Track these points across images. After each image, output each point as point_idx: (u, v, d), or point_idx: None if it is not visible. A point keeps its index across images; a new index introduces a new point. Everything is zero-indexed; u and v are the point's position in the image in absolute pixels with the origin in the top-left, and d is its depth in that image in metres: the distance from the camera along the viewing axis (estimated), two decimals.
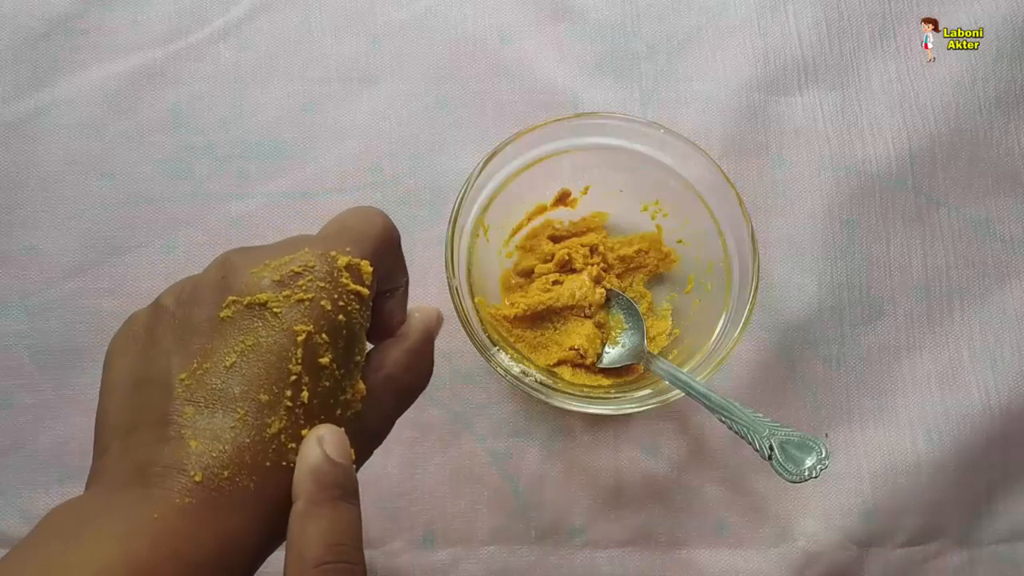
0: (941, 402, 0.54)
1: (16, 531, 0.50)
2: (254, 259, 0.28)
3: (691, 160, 0.49)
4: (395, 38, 0.58)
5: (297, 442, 0.26)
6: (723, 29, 0.58)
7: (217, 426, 0.25)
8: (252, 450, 0.25)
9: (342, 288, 0.27)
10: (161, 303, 0.28)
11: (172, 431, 0.25)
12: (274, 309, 0.26)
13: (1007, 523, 0.53)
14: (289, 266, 0.27)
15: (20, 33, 0.56)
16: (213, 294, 0.27)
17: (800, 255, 0.55)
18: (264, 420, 0.25)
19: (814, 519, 0.52)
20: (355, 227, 0.30)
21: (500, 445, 0.52)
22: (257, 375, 0.25)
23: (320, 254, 0.28)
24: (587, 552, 0.52)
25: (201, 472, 0.24)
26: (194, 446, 0.24)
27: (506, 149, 0.48)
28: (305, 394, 0.26)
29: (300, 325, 0.26)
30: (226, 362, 0.26)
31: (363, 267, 0.28)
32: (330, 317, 0.27)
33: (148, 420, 0.25)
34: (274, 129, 0.56)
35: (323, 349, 0.26)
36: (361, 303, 0.28)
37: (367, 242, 0.29)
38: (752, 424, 0.42)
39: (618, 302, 0.53)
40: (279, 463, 0.25)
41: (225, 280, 0.27)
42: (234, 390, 0.25)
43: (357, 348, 0.28)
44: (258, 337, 0.26)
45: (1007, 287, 0.56)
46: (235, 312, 0.26)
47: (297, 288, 0.27)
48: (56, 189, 0.54)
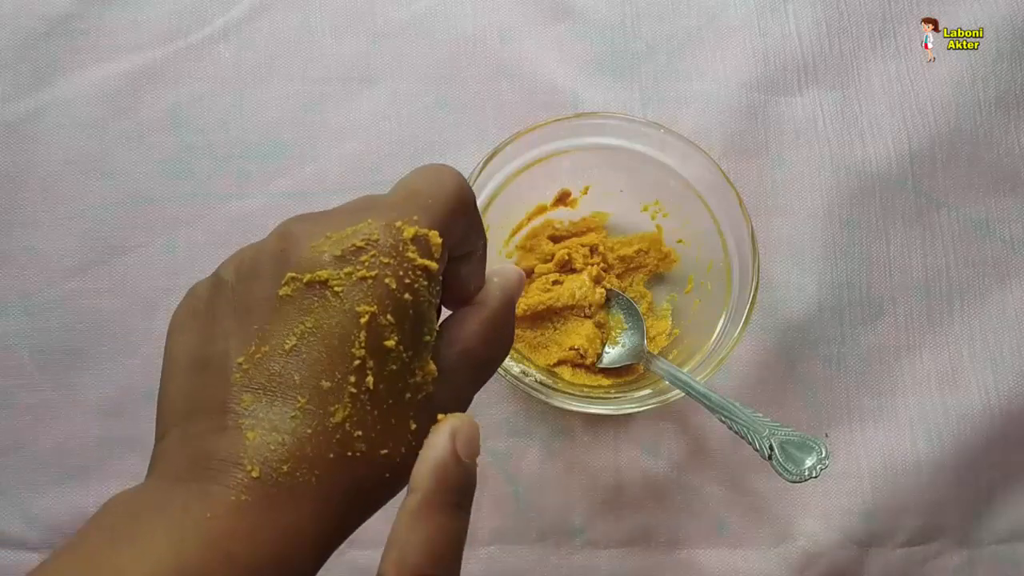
0: (941, 402, 0.54)
1: (16, 531, 0.51)
2: (316, 229, 0.26)
3: (691, 160, 0.49)
4: (395, 38, 0.58)
5: (363, 430, 0.24)
6: (723, 29, 0.58)
7: (276, 416, 0.23)
8: (314, 441, 0.23)
9: (408, 263, 0.25)
10: (221, 275, 0.27)
11: (230, 420, 0.24)
12: (335, 288, 0.24)
13: (1007, 523, 0.53)
14: (351, 239, 0.25)
15: (20, 33, 0.56)
16: (272, 268, 0.25)
17: (800, 255, 0.55)
18: (327, 408, 0.24)
19: (814, 519, 0.52)
20: (425, 190, 0.27)
21: (500, 445, 0.52)
22: (318, 360, 0.24)
23: (384, 225, 0.25)
24: (587, 552, 0.52)
25: (259, 467, 0.23)
26: (252, 438, 0.23)
27: (506, 149, 0.48)
28: (370, 379, 0.24)
29: (363, 306, 0.24)
30: (285, 345, 0.24)
31: (431, 238, 0.26)
32: (395, 296, 0.25)
33: (206, 407, 0.24)
34: (274, 129, 0.56)
35: (388, 331, 0.25)
36: (430, 278, 0.26)
37: (438, 207, 0.27)
38: (752, 424, 0.42)
39: (618, 302, 0.53)
40: (344, 454, 0.24)
41: (284, 253, 0.25)
42: (294, 376, 0.24)
43: (426, 327, 0.26)
44: (319, 319, 0.24)
45: (1007, 287, 0.56)
46: (294, 290, 0.25)
47: (360, 264, 0.25)
48: (56, 189, 0.54)
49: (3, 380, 0.52)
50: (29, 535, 0.51)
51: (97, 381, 0.52)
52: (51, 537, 0.51)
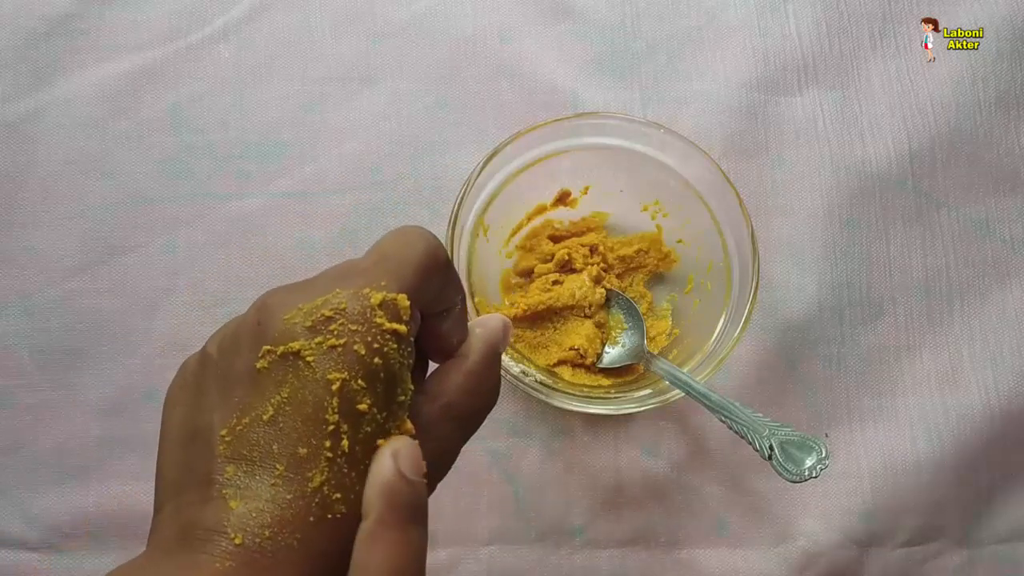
0: (941, 402, 0.54)
1: (16, 531, 0.51)
2: (290, 301, 0.27)
3: (691, 160, 0.49)
4: (395, 38, 0.58)
5: (342, 492, 0.25)
6: (723, 29, 0.58)
7: (257, 484, 0.24)
8: (294, 506, 0.24)
9: (376, 328, 0.26)
10: (207, 350, 0.28)
11: (215, 491, 0.24)
12: (307, 358, 0.25)
13: (1007, 523, 0.53)
14: (321, 310, 0.26)
15: (20, 33, 0.56)
16: (250, 342, 0.26)
17: (800, 255, 0.55)
18: (304, 474, 0.24)
19: (814, 519, 0.52)
20: (393, 254, 0.28)
21: (500, 445, 0.52)
22: (294, 428, 0.25)
23: (352, 293, 0.26)
24: (587, 552, 0.52)
25: (241, 534, 0.23)
26: (235, 507, 0.24)
27: (506, 149, 0.48)
28: (345, 443, 0.25)
29: (334, 373, 0.25)
30: (264, 416, 0.25)
31: (399, 302, 0.27)
32: (365, 361, 0.26)
33: (194, 479, 0.25)
34: (274, 129, 0.56)
35: (360, 395, 0.25)
36: (399, 341, 0.27)
37: (406, 270, 0.28)
38: (752, 424, 0.42)
39: (618, 302, 0.53)
40: (324, 516, 0.25)
41: (261, 327, 0.26)
42: (272, 446, 0.25)
43: (399, 388, 0.27)
44: (293, 388, 0.25)
45: (1007, 287, 0.56)
46: (270, 362, 0.26)
47: (329, 333, 0.26)
48: (56, 189, 0.54)
49: (3, 380, 0.52)
50: (29, 535, 0.51)
51: (97, 381, 0.52)
52: (51, 537, 0.51)
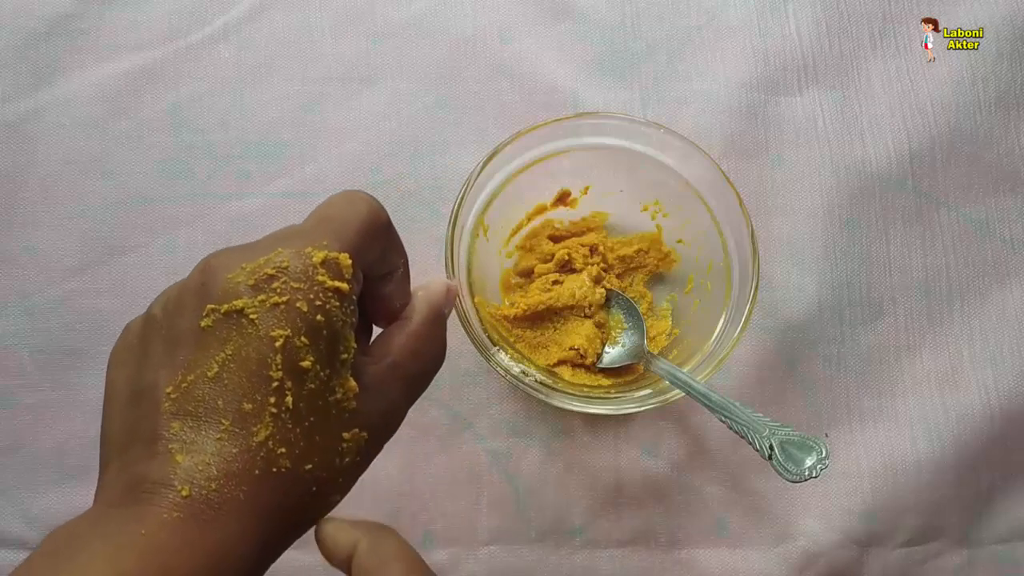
0: (941, 402, 0.54)
1: (16, 531, 0.51)
2: (233, 262, 0.27)
3: (691, 160, 0.49)
4: (395, 38, 0.58)
5: (287, 447, 0.26)
6: (723, 29, 0.58)
7: (203, 439, 0.25)
8: (239, 460, 0.25)
9: (319, 286, 0.27)
10: (151, 312, 0.29)
11: (160, 447, 0.25)
12: (251, 315, 0.26)
13: (1007, 523, 0.53)
14: (264, 268, 0.26)
15: (20, 33, 0.56)
16: (194, 302, 0.27)
17: (800, 255, 0.55)
18: (249, 429, 0.25)
19: (814, 519, 0.52)
20: (336, 216, 0.29)
21: (500, 445, 0.52)
22: (239, 384, 0.25)
23: (294, 252, 0.27)
24: (587, 552, 0.52)
25: (188, 486, 0.24)
26: (181, 460, 0.24)
27: (506, 149, 0.48)
28: (289, 399, 0.26)
29: (277, 330, 0.26)
30: (208, 373, 0.26)
31: (341, 260, 0.28)
32: (308, 318, 0.26)
33: (140, 436, 0.26)
34: (274, 129, 0.56)
35: (303, 352, 0.26)
36: (342, 299, 0.27)
37: (348, 231, 0.28)
38: (752, 424, 0.42)
39: (618, 302, 0.53)
40: (268, 470, 0.25)
41: (204, 287, 0.27)
42: (217, 401, 0.25)
43: (342, 346, 0.28)
44: (237, 346, 0.26)
45: (1007, 287, 0.56)
46: (214, 321, 0.26)
47: (272, 292, 0.26)
48: (56, 189, 0.54)
49: (3, 380, 0.52)
50: (29, 535, 0.51)
51: (97, 381, 0.52)
52: None
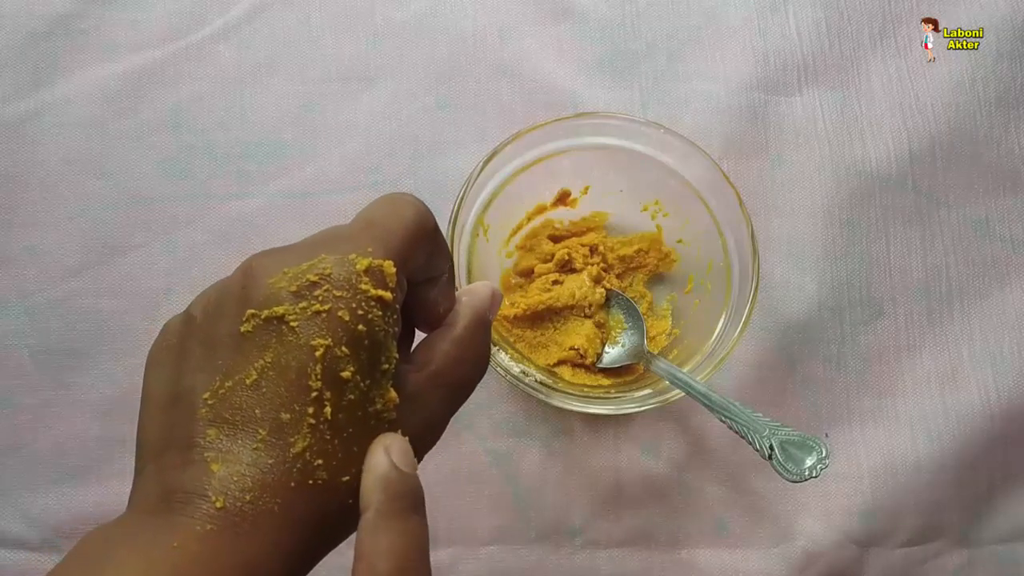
0: (941, 402, 0.54)
1: (16, 531, 0.51)
2: (275, 266, 0.27)
3: (691, 160, 0.49)
4: (395, 38, 0.58)
5: (324, 459, 0.25)
6: (723, 29, 0.58)
7: (239, 448, 0.24)
8: (275, 471, 0.24)
9: (361, 295, 0.26)
10: (191, 312, 0.28)
11: (196, 454, 0.24)
12: (291, 323, 0.25)
13: (1007, 523, 0.53)
14: (306, 275, 0.26)
15: (20, 33, 0.56)
16: (234, 306, 0.26)
17: (800, 255, 0.55)
18: (286, 439, 0.25)
19: (814, 519, 0.52)
20: (381, 222, 0.28)
21: (500, 445, 0.52)
22: (277, 393, 0.25)
23: (338, 259, 0.26)
24: (587, 552, 0.52)
25: (222, 497, 0.24)
26: (216, 470, 0.24)
27: (506, 149, 0.48)
28: (328, 410, 0.25)
29: (318, 339, 0.25)
30: (247, 380, 0.25)
31: (385, 268, 0.27)
32: (349, 328, 0.25)
33: (176, 442, 0.25)
34: (274, 129, 0.56)
35: (344, 362, 0.25)
36: (384, 308, 0.26)
37: (393, 237, 0.27)
38: (752, 424, 0.42)
39: (618, 302, 0.53)
40: (304, 482, 0.25)
41: (245, 291, 0.26)
42: (255, 410, 0.25)
43: (384, 356, 0.27)
44: (277, 353, 0.25)
45: (1007, 287, 0.56)
46: (254, 327, 0.25)
47: (314, 299, 0.25)
48: (56, 189, 0.54)
49: (3, 380, 0.52)
50: (29, 535, 0.51)
51: (97, 381, 0.52)
52: (51, 537, 0.51)
